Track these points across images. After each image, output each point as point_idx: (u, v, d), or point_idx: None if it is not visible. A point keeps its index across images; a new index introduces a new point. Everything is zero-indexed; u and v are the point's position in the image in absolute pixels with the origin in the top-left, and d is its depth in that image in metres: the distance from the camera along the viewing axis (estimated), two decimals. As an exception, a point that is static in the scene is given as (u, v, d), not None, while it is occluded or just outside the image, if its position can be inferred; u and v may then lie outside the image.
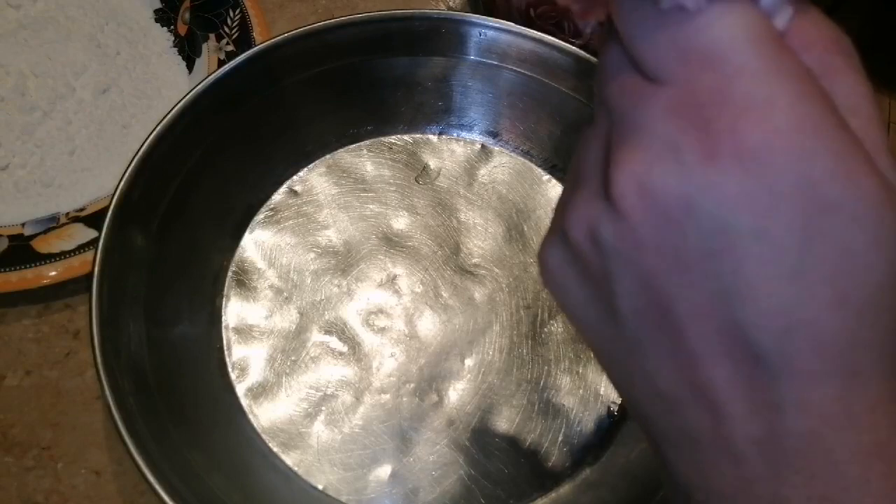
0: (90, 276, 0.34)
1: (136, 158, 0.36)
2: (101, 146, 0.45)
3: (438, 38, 0.42)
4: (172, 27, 0.49)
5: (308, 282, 0.41)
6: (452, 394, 0.39)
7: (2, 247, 0.40)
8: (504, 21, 0.41)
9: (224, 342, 0.40)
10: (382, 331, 0.40)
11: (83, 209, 0.42)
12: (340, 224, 0.43)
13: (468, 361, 0.40)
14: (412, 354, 0.40)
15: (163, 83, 0.47)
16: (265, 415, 0.38)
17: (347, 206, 0.43)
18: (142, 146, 0.36)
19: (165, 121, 0.37)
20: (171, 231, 0.39)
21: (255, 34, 0.46)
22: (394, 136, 0.45)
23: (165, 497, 0.31)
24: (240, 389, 0.39)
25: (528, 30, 0.41)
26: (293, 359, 0.39)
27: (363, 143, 0.45)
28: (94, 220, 0.41)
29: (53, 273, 0.39)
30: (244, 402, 0.38)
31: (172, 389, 0.36)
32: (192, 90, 0.38)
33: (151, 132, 0.37)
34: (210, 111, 0.39)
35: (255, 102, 0.41)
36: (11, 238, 0.41)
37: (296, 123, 0.43)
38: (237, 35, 0.46)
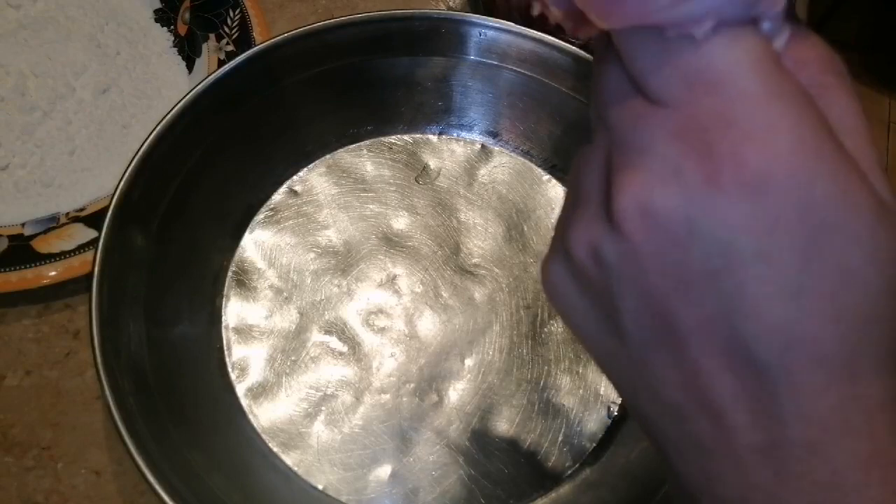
0: (90, 276, 0.34)
1: (136, 158, 0.36)
2: (101, 146, 0.45)
3: (438, 38, 0.42)
4: (172, 27, 0.49)
5: (308, 282, 0.41)
6: (452, 394, 0.39)
7: (2, 247, 0.40)
8: (504, 21, 0.41)
9: (224, 342, 0.40)
10: (382, 331, 0.40)
11: (83, 209, 0.42)
12: (340, 224, 0.43)
13: (468, 361, 0.40)
14: (412, 354, 0.40)
15: (163, 83, 0.47)
16: (265, 415, 0.38)
17: (347, 206, 0.43)
18: (142, 146, 0.36)
19: (165, 121, 0.37)
20: (171, 231, 0.39)
21: (255, 34, 0.46)
22: (394, 136, 0.45)
23: (165, 497, 0.31)
24: (240, 389, 0.39)
25: (528, 30, 0.41)
26: (293, 359, 0.39)
27: (363, 143, 0.45)
28: (94, 220, 0.41)
29: (53, 273, 0.39)
30: (244, 402, 0.38)
31: (172, 389, 0.36)
32: (192, 90, 0.38)
33: (151, 132, 0.37)
34: (210, 111, 0.39)
35: (255, 102, 0.41)
36: (11, 238, 0.41)
37: (296, 123, 0.43)
38: (237, 35, 0.46)
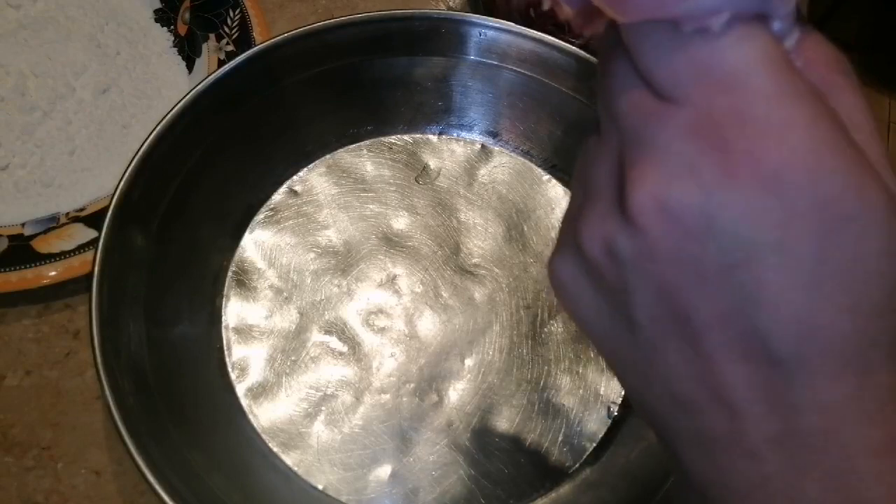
0: (90, 276, 0.34)
1: (136, 158, 0.36)
2: (101, 146, 0.45)
3: (438, 38, 0.42)
4: (172, 27, 0.49)
5: (308, 282, 0.41)
6: (452, 394, 0.39)
7: (2, 247, 0.40)
8: (504, 21, 0.41)
9: (224, 342, 0.40)
10: (382, 331, 0.40)
11: (83, 209, 0.42)
12: (340, 224, 0.43)
13: (468, 361, 0.40)
14: (412, 354, 0.40)
15: (163, 83, 0.47)
16: (265, 415, 0.38)
17: (347, 206, 0.43)
18: (142, 146, 0.36)
19: (165, 121, 0.37)
20: (171, 231, 0.39)
21: (255, 34, 0.46)
22: (394, 136, 0.45)
23: (165, 497, 0.31)
24: (240, 389, 0.39)
25: (528, 30, 0.41)
26: (293, 359, 0.39)
27: (363, 143, 0.45)
28: (94, 220, 0.41)
29: (53, 273, 0.39)
30: (244, 402, 0.38)
31: (172, 389, 0.36)
32: (192, 90, 0.38)
33: (151, 132, 0.37)
34: (210, 111, 0.39)
35: (255, 102, 0.41)
36: (11, 238, 0.41)
37: (296, 123, 0.43)
38: (237, 35, 0.46)
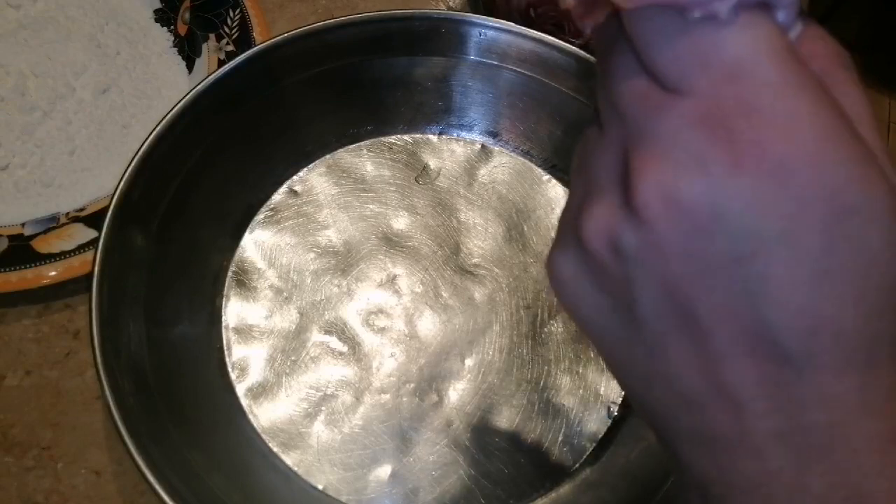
0: (90, 276, 0.34)
1: (136, 158, 0.36)
2: (101, 146, 0.45)
3: (438, 38, 0.42)
4: (172, 27, 0.49)
5: (308, 282, 0.41)
6: (452, 394, 0.39)
7: (2, 247, 0.40)
8: (504, 21, 0.41)
9: (224, 342, 0.40)
10: (382, 331, 0.40)
11: (83, 209, 0.42)
12: (340, 224, 0.43)
13: (468, 361, 0.40)
14: (412, 354, 0.40)
15: (163, 83, 0.47)
16: (265, 415, 0.38)
17: (347, 206, 0.43)
18: (142, 146, 0.36)
19: (165, 121, 0.37)
20: (171, 231, 0.39)
21: (255, 34, 0.46)
22: (394, 136, 0.45)
23: (165, 497, 0.31)
24: (240, 389, 0.39)
25: (528, 30, 0.41)
26: (293, 359, 0.39)
27: (363, 143, 0.45)
28: (94, 220, 0.41)
29: (53, 273, 0.39)
30: (244, 402, 0.38)
31: (172, 389, 0.36)
32: (192, 90, 0.38)
33: (151, 132, 0.37)
34: (210, 111, 0.39)
35: (255, 102, 0.41)
36: (11, 238, 0.41)
37: (296, 123, 0.43)
38: (237, 35, 0.46)
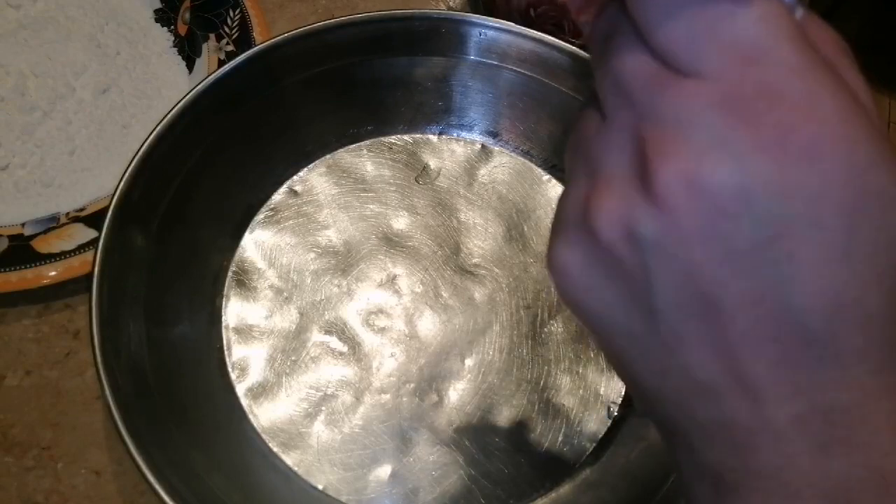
0: (90, 276, 0.34)
1: (136, 158, 0.36)
2: (101, 146, 0.45)
3: (438, 38, 0.42)
4: (172, 27, 0.49)
5: (308, 282, 0.41)
6: (452, 394, 0.39)
7: (2, 247, 0.40)
8: (504, 21, 0.41)
9: (224, 342, 0.40)
10: (382, 331, 0.40)
11: (83, 209, 0.42)
12: (340, 224, 0.43)
13: (468, 361, 0.40)
14: (412, 354, 0.40)
15: (163, 83, 0.47)
16: (265, 415, 0.38)
17: (347, 206, 0.43)
18: (142, 146, 0.36)
19: (165, 121, 0.37)
20: (171, 231, 0.39)
21: (255, 34, 0.46)
22: (394, 136, 0.45)
23: (165, 497, 0.31)
24: (240, 389, 0.39)
25: (528, 30, 0.41)
26: (293, 359, 0.39)
27: (363, 143, 0.45)
28: (94, 220, 0.41)
29: (53, 273, 0.39)
30: (244, 402, 0.38)
31: (172, 389, 0.36)
32: (192, 90, 0.38)
33: (151, 132, 0.37)
34: (210, 111, 0.39)
35: (255, 102, 0.41)
36: (11, 238, 0.41)
37: (296, 123, 0.43)
38: (237, 35, 0.46)
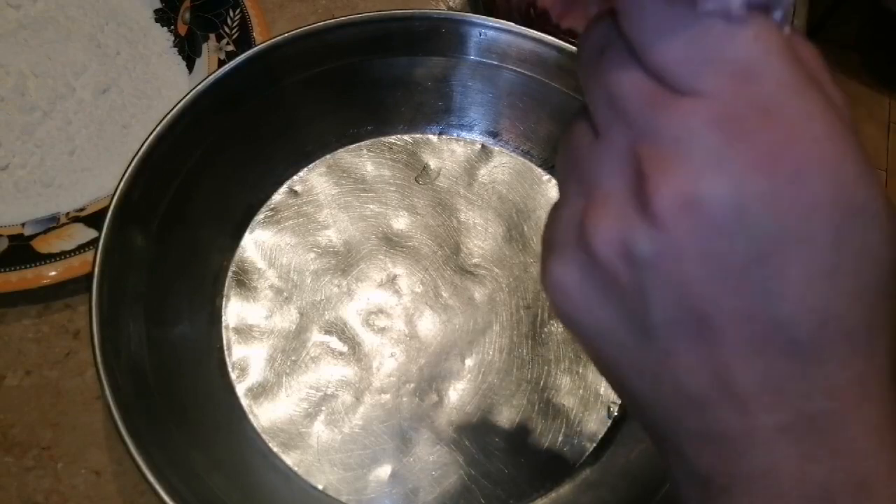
0: (90, 276, 0.34)
1: (136, 158, 0.36)
2: (101, 146, 0.45)
3: (438, 38, 0.42)
4: (172, 27, 0.49)
5: (308, 282, 0.41)
6: (452, 394, 0.39)
7: (2, 247, 0.40)
8: (504, 21, 0.41)
9: (224, 342, 0.40)
10: (382, 331, 0.40)
11: (83, 209, 0.42)
12: (340, 224, 0.43)
13: (468, 361, 0.40)
14: (412, 354, 0.40)
15: (163, 83, 0.47)
16: (265, 415, 0.38)
17: (347, 206, 0.43)
18: (142, 146, 0.36)
19: (165, 121, 0.37)
20: (171, 231, 0.39)
21: (255, 34, 0.46)
22: (394, 136, 0.45)
23: (165, 497, 0.31)
24: (240, 389, 0.39)
25: (528, 30, 0.41)
26: (293, 359, 0.39)
27: (363, 143, 0.45)
28: (94, 220, 0.41)
29: (53, 273, 0.39)
30: (244, 402, 0.38)
31: (172, 389, 0.36)
32: (192, 90, 0.38)
33: (151, 132, 0.37)
34: (210, 111, 0.39)
35: (255, 102, 0.41)
36: (11, 238, 0.41)
37: (296, 123, 0.43)
38: (237, 35, 0.46)
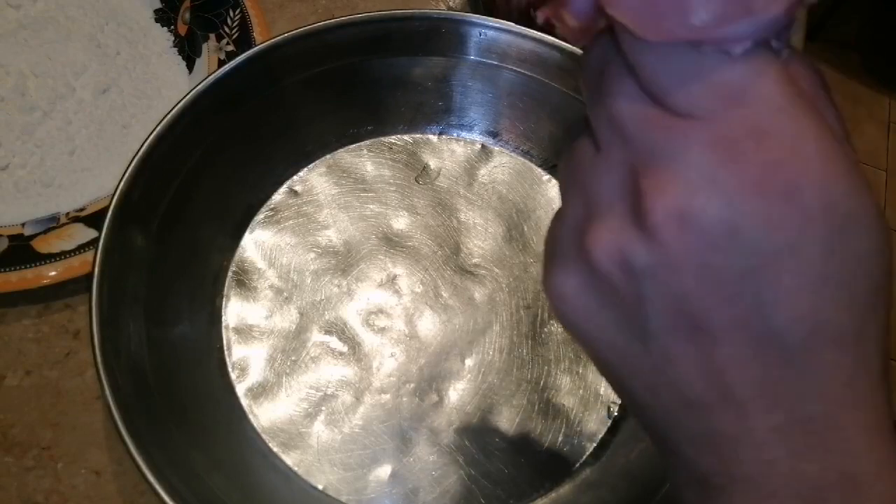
0: (90, 276, 0.34)
1: (136, 158, 0.36)
2: (101, 146, 0.45)
3: (438, 38, 0.42)
4: (172, 27, 0.49)
5: (308, 282, 0.41)
6: (452, 394, 0.39)
7: (2, 247, 0.40)
8: (504, 21, 0.41)
9: (224, 342, 0.40)
10: (382, 331, 0.40)
11: (83, 209, 0.42)
12: (340, 224, 0.43)
13: (468, 361, 0.40)
14: (412, 354, 0.40)
15: (163, 83, 0.47)
16: (265, 415, 0.38)
17: (347, 206, 0.43)
18: (142, 146, 0.36)
19: (165, 121, 0.37)
20: (171, 231, 0.39)
21: (255, 34, 0.46)
22: (394, 136, 0.45)
23: (165, 497, 0.31)
24: (240, 389, 0.39)
25: (528, 30, 0.41)
26: (293, 359, 0.39)
27: (363, 143, 0.45)
28: (94, 220, 0.41)
29: (53, 273, 0.39)
30: (244, 402, 0.38)
31: (172, 389, 0.36)
32: (192, 90, 0.38)
33: (151, 132, 0.37)
34: (210, 111, 0.39)
35: (255, 102, 0.41)
36: (11, 238, 0.41)
37: (296, 123, 0.43)
38: (237, 35, 0.46)
